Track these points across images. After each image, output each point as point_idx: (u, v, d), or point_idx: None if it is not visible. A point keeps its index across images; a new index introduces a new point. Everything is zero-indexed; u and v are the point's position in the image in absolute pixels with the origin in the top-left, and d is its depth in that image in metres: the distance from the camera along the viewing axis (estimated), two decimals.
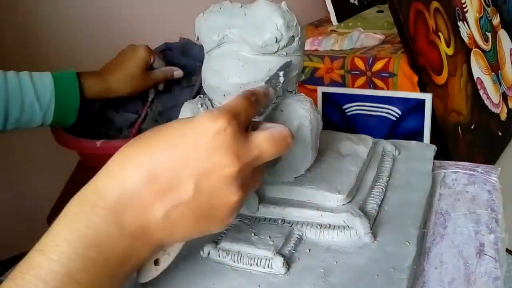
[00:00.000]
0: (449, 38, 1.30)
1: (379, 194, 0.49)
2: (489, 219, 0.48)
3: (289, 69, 0.46)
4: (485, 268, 0.42)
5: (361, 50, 1.29)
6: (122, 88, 0.72)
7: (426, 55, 1.17)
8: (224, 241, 0.43)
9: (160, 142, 0.32)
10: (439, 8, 1.30)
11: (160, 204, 0.31)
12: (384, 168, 0.54)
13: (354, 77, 1.23)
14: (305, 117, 0.46)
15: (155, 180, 0.31)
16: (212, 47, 0.47)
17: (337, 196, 0.45)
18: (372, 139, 0.56)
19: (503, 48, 1.61)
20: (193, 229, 0.33)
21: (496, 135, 1.41)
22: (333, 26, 1.54)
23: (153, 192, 0.31)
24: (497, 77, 1.50)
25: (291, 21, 0.44)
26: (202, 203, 0.32)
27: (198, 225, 0.33)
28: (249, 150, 0.33)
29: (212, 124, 0.31)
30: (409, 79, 1.16)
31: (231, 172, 0.32)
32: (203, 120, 0.32)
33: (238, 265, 0.41)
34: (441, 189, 0.55)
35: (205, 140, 0.31)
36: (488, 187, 0.54)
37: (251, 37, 0.44)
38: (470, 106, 1.31)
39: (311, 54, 1.29)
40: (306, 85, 1.27)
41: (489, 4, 1.61)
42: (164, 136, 0.32)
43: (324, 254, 0.42)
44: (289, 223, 0.45)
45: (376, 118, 1.17)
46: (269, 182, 0.48)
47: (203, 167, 0.31)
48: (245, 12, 0.45)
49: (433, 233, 0.47)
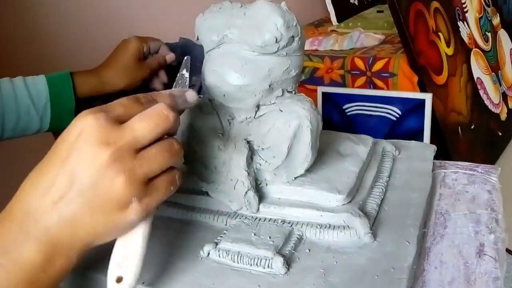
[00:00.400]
0: (449, 38, 1.30)
1: (379, 194, 0.49)
2: (489, 219, 0.48)
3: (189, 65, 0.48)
4: (485, 268, 0.42)
5: (361, 50, 1.29)
6: (117, 81, 0.71)
7: (426, 55, 1.17)
8: (224, 241, 0.43)
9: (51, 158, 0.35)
10: (439, 8, 1.31)
11: (54, 208, 0.33)
12: (384, 168, 0.54)
13: (354, 77, 1.23)
14: (305, 117, 0.46)
15: (47, 191, 0.34)
16: (212, 47, 0.47)
17: (337, 196, 0.45)
18: (372, 139, 0.56)
19: (503, 48, 1.61)
20: (93, 223, 0.34)
21: (496, 135, 1.41)
22: (333, 26, 1.54)
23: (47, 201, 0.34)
24: (497, 77, 1.50)
25: (291, 21, 0.44)
26: (89, 196, 0.33)
27: (97, 218, 0.34)
28: (119, 133, 0.33)
29: (78, 122, 0.34)
30: (409, 79, 1.16)
31: (103, 159, 0.33)
32: (73, 122, 0.34)
33: (238, 265, 0.41)
34: (441, 189, 0.55)
35: (74, 138, 0.33)
36: (488, 187, 0.54)
37: (251, 37, 0.44)
38: (470, 106, 1.31)
39: (311, 54, 1.29)
40: (306, 85, 1.27)
41: (489, 4, 1.61)
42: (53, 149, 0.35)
43: (324, 254, 0.42)
44: (289, 223, 0.45)
45: (376, 118, 1.17)
46: (270, 182, 0.48)
47: (78, 163, 0.33)
48: (245, 12, 0.45)
49: (433, 233, 0.47)
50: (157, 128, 0.34)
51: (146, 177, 0.34)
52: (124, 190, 0.33)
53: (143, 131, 0.34)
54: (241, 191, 0.46)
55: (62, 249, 0.34)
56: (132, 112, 0.35)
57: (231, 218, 0.47)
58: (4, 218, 0.34)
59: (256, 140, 0.47)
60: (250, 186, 0.46)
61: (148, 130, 0.34)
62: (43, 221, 0.33)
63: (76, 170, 0.33)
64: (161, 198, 0.36)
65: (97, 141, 0.33)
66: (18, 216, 0.34)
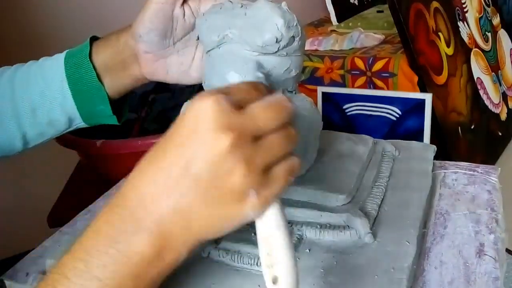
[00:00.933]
0: (449, 38, 1.30)
1: (379, 194, 0.49)
2: (489, 219, 0.48)
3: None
4: (485, 268, 0.42)
5: (361, 50, 1.29)
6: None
7: (426, 55, 1.17)
8: (224, 241, 0.43)
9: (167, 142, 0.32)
10: (439, 8, 1.31)
11: (168, 197, 0.31)
12: (384, 168, 0.54)
13: (354, 77, 1.23)
14: (305, 117, 0.46)
15: (162, 178, 0.31)
16: (212, 47, 0.47)
17: (337, 196, 0.45)
18: (372, 139, 0.56)
19: (503, 48, 1.61)
20: (208, 215, 0.32)
21: (496, 135, 1.41)
22: (333, 26, 1.54)
23: (160, 188, 0.31)
24: (497, 77, 1.50)
25: (291, 21, 0.44)
26: (206, 187, 0.31)
27: (212, 212, 0.32)
28: (242, 120, 0.31)
29: (197, 105, 0.31)
30: (409, 79, 1.16)
31: (223, 145, 0.30)
32: (191, 104, 0.31)
33: (238, 265, 0.41)
34: (441, 189, 0.55)
35: (193, 121, 0.31)
36: (488, 187, 0.54)
37: (251, 37, 0.44)
38: (470, 106, 1.31)
39: (311, 54, 1.29)
40: (306, 85, 1.27)
41: (489, 4, 1.61)
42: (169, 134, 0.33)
43: (324, 254, 0.42)
44: (289, 223, 0.45)
45: (376, 118, 1.17)
46: None
47: (195, 150, 0.31)
48: (245, 12, 0.45)
49: (433, 233, 0.47)
50: (278, 118, 0.32)
51: (265, 167, 0.32)
52: (243, 179, 0.31)
53: (265, 119, 0.32)
54: None
55: (174, 243, 0.32)
56: (252, 98, 0.33)
57: None
58: (118, 204, 0.32)
59: None
60: None
61: (271, 119, 0.32)
62: (155, 210, 0.31)
63: (193, 156, 0.31)
64: (280, 189, 0.33)
65: (218, 126, 0.30)
66: (131, 203, 0.32)
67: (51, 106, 0.53)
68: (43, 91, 0.52)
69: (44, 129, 0.54)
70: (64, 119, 0.54)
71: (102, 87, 0.52)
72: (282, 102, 0.33)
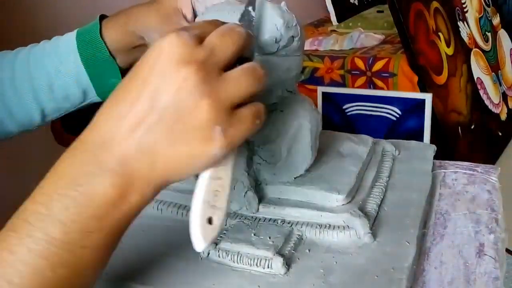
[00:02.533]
0: (449, 38, 1.30)
1: (379, 194, 0.49)
2: (489, 219, 0.48)
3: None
4: (485, 268, 0.42)
5: (361, 50, 1.29)
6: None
7: (426, 55, 1.17)
8: (224, 241, 0.43)
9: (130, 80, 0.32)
10: (439, 8, 1.31)
11: (131, 135, 0.31)
12: (384, 168, 0.54)
13: (354, 77, 1.23)
14: (305, 117, 0.46)
15: (125, 116, 0.31)
16: None
17: (337, 196, 0.45)
18: (372, 139, 0.56)
19: (503, 48, 1.61)
20: (174, 153, 0.31)
21: (496, 135, 1.41)
22: (333, 26, 1.54)
23: (124, 127, 0.31)
24: (497, 77, 1.50)
25: (290, 21, 0.44)
26: (171, 120, 0.31)
27: (178, 150, 0.31)
28: (201, 50, 0.31)
29: (160, 41, 0.31)
30: (409, 79, 1.16)
31: (187, 77, 0.30)
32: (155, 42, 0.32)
33: (238, 265, 0.41)
34: (441, 189, 0.55)
35: (156, 56, 0.31)
36: (488, 187, 0.54)
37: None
38: (470, 106, 1.31)
39: (311, 54, 1.29)
40: (306, 85, 1.27)
41: (489, 4, 1.61)
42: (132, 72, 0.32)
43: (324, 254, 0.42)
44: (289, 223, 0.45)
45: (376, 118, 1.17)
46: (269, 182, 0.48)
47: (159, 83, 0.31)
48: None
49: (433, 233, 0.47)
50: (234, 44, 0.32)
51: (231, 103, 0.32)
52: (208, 114, 0.30)
53: (221, 45, 0.32)
54: (240, 191, 0.46)
55: (138, 184, 0.31)
56: (210, 31, 0.33)
57: (231, 218, 0.46)
58: (76, 147, 0.32)
59: (256, 140, 0.47)
60: (250, 186, 0.46)
61: (226, 45, 0.32)
62: (119, 150, 0.31)
63: (157, 91, 0.30)
64: (247, 131, 0.33)
65: (181, 58, 0.30)
66: (91, 146, 0.31)
67: (66, 81, 0.56)
68: (58, 67, 0.56)
69: (61, 104, 0.58)
70: (79, 93, 0.57)
71: (114, 61, 0.56)
72: (234, 28, 0.33)
